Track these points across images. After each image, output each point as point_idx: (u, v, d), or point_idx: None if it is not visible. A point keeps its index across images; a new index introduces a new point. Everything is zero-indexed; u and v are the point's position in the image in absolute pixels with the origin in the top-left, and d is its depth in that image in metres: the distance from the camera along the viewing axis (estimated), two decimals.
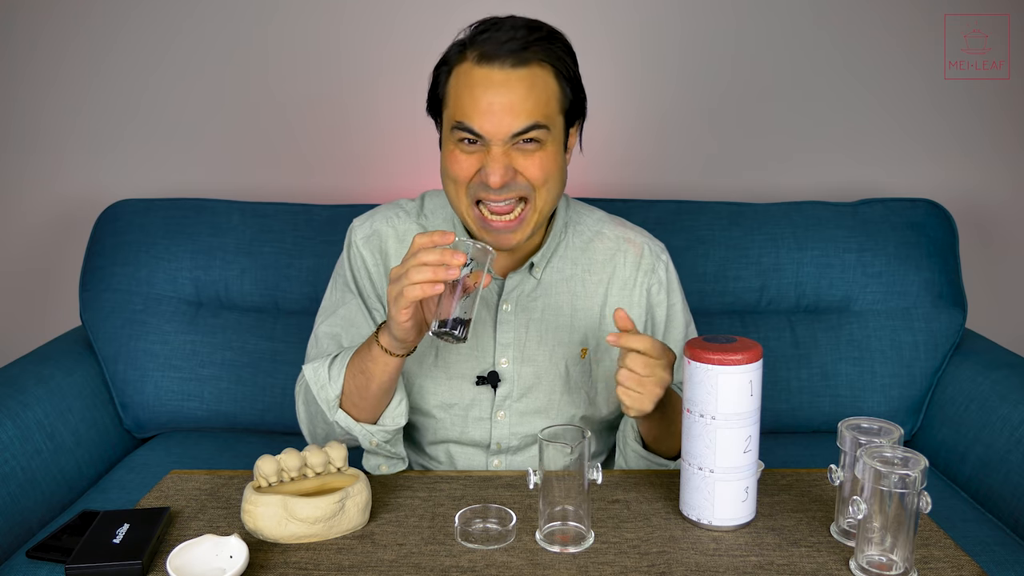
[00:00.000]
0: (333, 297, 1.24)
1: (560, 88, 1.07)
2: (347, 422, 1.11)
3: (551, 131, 1.07)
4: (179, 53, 1.95)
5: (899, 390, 1.68)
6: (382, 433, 1.12)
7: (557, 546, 0.94)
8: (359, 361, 1.08)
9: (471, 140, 1.06)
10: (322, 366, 1.12)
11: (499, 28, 1.05)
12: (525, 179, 1.07)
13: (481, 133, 1.04)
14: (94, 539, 0.94)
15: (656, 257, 1.24)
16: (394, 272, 0.99)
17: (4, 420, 1.40)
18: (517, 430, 1.21)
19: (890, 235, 1.73)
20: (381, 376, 1.06)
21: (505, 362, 1.19)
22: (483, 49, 1.03)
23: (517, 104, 1.03)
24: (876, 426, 0.95)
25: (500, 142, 1.04)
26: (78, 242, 1.93)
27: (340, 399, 1.11)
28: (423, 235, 0.97)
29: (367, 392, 1.08)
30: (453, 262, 0.94)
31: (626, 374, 1.01)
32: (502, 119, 1.03)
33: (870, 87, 1.96)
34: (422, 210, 1.24)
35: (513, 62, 1.03)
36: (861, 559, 0.89)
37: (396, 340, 1.02)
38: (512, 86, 1.03)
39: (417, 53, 1.94)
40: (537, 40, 1.04)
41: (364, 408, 1.10)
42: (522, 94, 1.03)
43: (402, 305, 0.97)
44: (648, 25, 1.94)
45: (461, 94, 1.05)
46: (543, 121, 1.05)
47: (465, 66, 1.05)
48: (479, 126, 1.04)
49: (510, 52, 1.02)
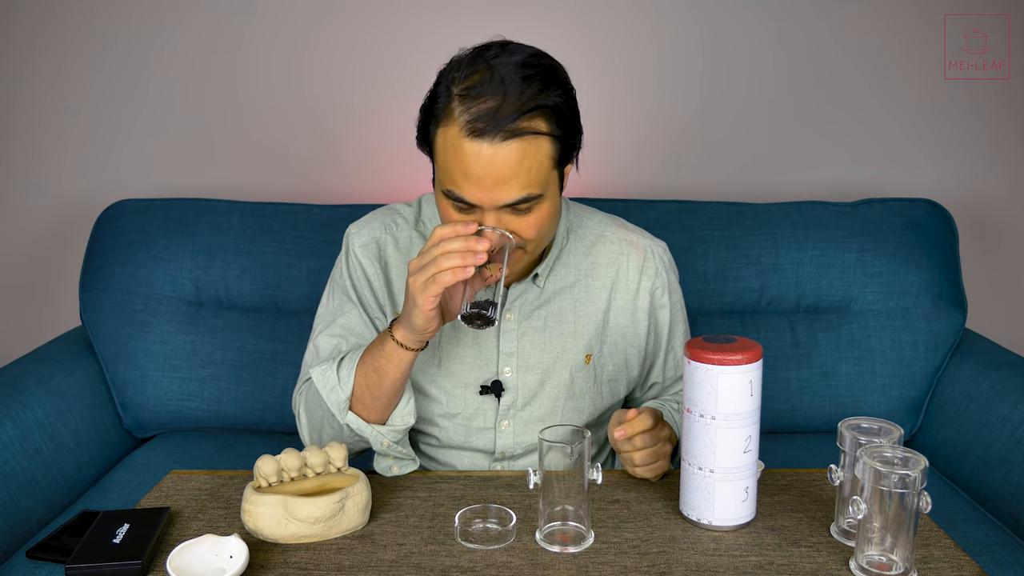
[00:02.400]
0: (331, 305, 1.22)
1: (553, 147, 1.02)
2: (358, 424, 1.10)
3: (544, 193, 1.03)
4: (179, 53, 1.95)
5: (899, 390, 1.68)
6: (392, 433, 1.12)
7: (557, 546, 0.94)
8: (371, 360, 1.08)
9: (463, 205, 1.03)
10: (330, 368, 1.11)
11: (489, 81, 0.98)
12: (519, 237, 1.05)
13: (473, 203, 1.02)
14: (94, 539, 0.94)
15: (659, 259, 1.24)
16: (413, 264, 0.99)
17: (4, 420, 1.40)
18: (521, 439, 1.21)
19: (890, 235, 1.73)
20: (395, 373, 1.06)
21: (509, 371, 1.19)
22: (472, 120, 0.97)
23: (509, 178, 0.99)
24: (876, 426, 0.95)
25: (492, 209, 1.02)
26: (78, 242, 1.93)
27: (350, 401, 1.10)
28: (444, 226, 0.99)
29: (379, 391, 1.08)
30: (479, 248, 0.96)
31: (641, 456, 1.06)
32: (493, 192, 1.00)
33: (870, 87, 1.96)
34: (420, 216, 1.23)
35: (504, 136, 0.97)
36: (861, 559, 0.89)
37: (415, 331, 1.03)
38: (503, 160, 0.98)
39: (417, 53, 1.95)
40: (530, 101, 0.98)
41: (375, 408, 1.10)
42: (513, 168, 0.99)
43: (432, 292, 0.97)
44: (648, 27, 1.93)
45: (450, 161, 1.00)
46: (536, 191, 1.01)
47: (453, 132, 0.99)
48: (471, 196, 1.01)
49: (500, 128, 0.97)
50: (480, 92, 0.98)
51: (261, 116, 1.98)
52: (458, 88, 1.00)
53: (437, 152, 1.04)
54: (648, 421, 1.06)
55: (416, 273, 0.99)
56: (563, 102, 1.02)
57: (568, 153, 1.06)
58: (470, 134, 0.98)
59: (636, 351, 1.24)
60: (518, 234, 1.04)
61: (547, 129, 1.01)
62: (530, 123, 0.99)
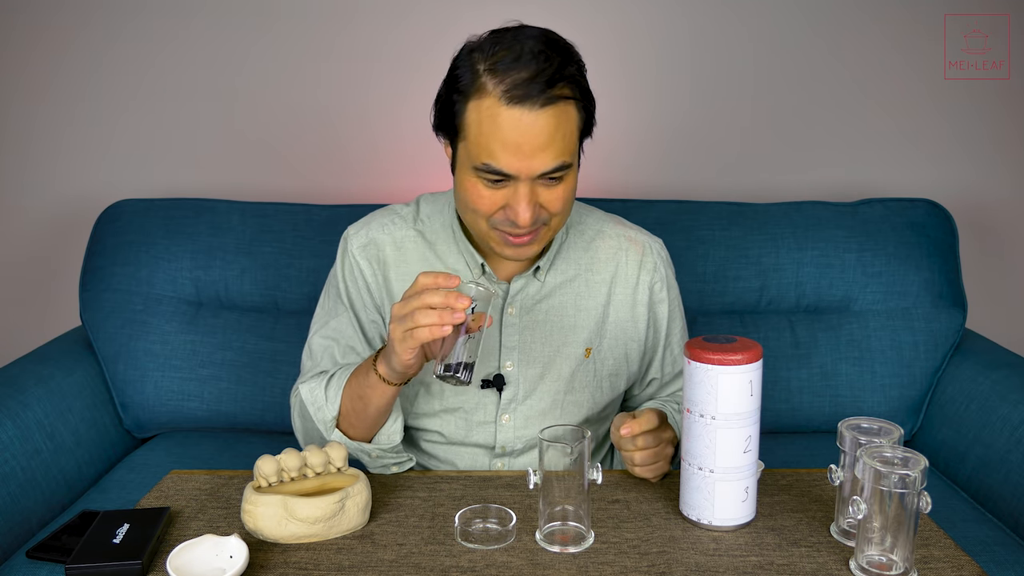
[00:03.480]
0: (326, 306, 1.24)
1: (579, 116, 1.04)
2: (344, 441, 1.12)
3: (573, 163, 1.06)
4: (179, 53, 1.95)
5: (899, 390, 1.68)
6: (378, 450, 1.13)
7: (557, 546, 0.94)
8: (356, 386, 1.08)
9: (497, 180, 1.03)
10: (318, 387, 1.13)
11: (519, 56, 1.00)
12: (547, 210, 1.06)
13: (510, 173, 1.02)
14: (94, 539, 0.94)
15: (657, 255, 1.25)
16: (396, 310, 0.98)
17: (4, 420, 1.40)
18: (522, 433, 1.21)
19: (890, 235, 1.73)
20: (378, 402, 1.07)
21: (510, 365, 1.19)
22: (510, 89, 0.99)
23: (547, 145, 1.00)
24: (876, 426, 0.95)
25: (527, 180, 1.02)
26: (78, 242, 1.93)
27: (337, 419, 1.12)
28: (428, 275, 0.97)
29: (364, 415, 1.09)
30: (458, 306, 0.95)
31: (642, 456, 1.06)
32: (532, 161, 1.00)
33: (870, 87, 1.96)
34: (418, 215, 1.24)
35: (543, 102, 0.99)
36: (861, 559, 0.89)
37: (395, 372, 1.03)
38: (542, 127, 0.99)
39: (417, 53, 1.95)
40: (559, 69, 1.00)
41: (361, 428, 1.11)
42: (551, 134, 1.00)
43: (408, 346, 0.97)
44: (648, 27, 1.94)
45: (487, 134, 1.00)
46: (569, 159, 1.03)
47: (489, 102, 1.00)
48: (508, 166, 1.01)
49: (539, 92, 0.98)
50: (511, 65, 0.99)
51: (261, 116, 1.98)
52: (486, 64, 1.01)
53: (469, 127, 1.03)
54: (653, 421, 1.06)
55: (396, 322, 0.98)
56: (581, 74, 1.05)
57: (589, 124, 1.08)
58: (509, 102, 0.99)
59: (636, 345, 1.25)
60: (547, 207, 1.05)
61: (575, 96, 1.03)
62: (562, 91, 1.01)
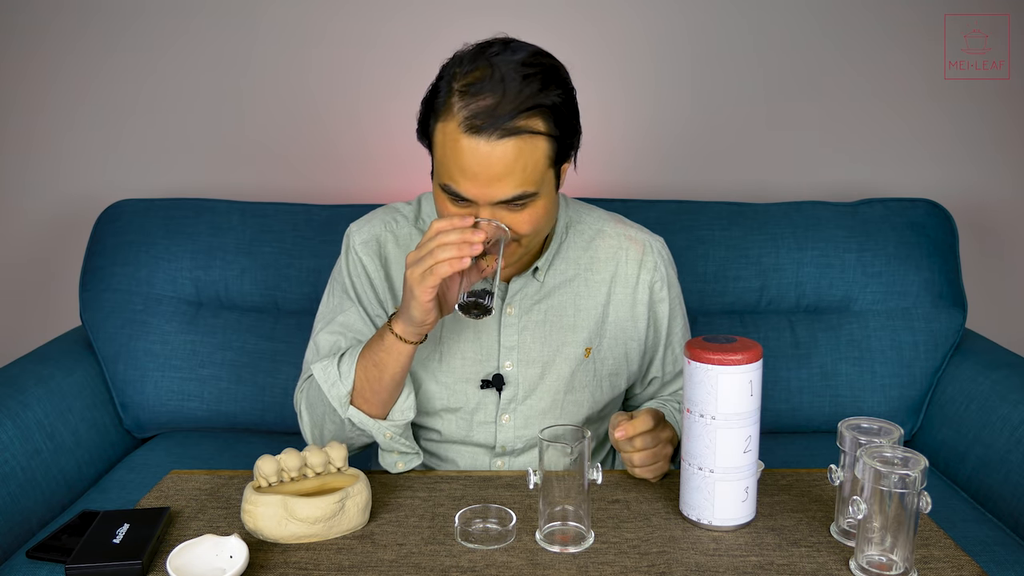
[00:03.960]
0: (331, 303, 1.24)
1: (550, 146, 1.02)
2: (360, 417, 1.11)
3: (540, 191, 1.04)
4: (179, 53, 1.95)
5: (899, 390, 1.68)
6: (393, 427, 1.12)
7: (557, 546, 0.94)
8: (371, 354, 1.09)
9: (460, 199, 1.04)
10: (331, 364, 1.12)
11: (490, 78, 0.98)
12: (514, 232, 1.05)
13: (468, 198, 1.02)
14: (94, 539, 0.94)
15: (658, 254, 1.25)
16: (411, 257, 1.00)
17: (4, 420, 1.40)
18: (522, 433, 1.21)
19: (890, 235, 1.73)
20: (394, 366, 1.07)
21: (509, 365, 1.19)
22: (470, 116, 0.98)
23: (504, 175, 0.99)
24: (876, 426, 0.95)
25: (487, 205, 1.02)
26: (78, 242, 1.93)
27: (351, 395, 1.11)
28: (441, 220, 1.00)
29: (380, 385, 1.09)
30: (475, 239, 0.97)
31: (640, 457, 1.07)
32: (488, 189, 1.00)
33: (870, 87, 1.96)
34: (419, 214, 1.24)
35: (500, 134, 0.98)
36: (861, 559, 0.89)
37: (413, 325, 1.04)
38: (498, 158, 0.98)
39: (417, 53, 1.95)
40: (529, 99, 0.98)
41: (375, 403, 1.11)
42: (508, 165, 0.99)
43: (429, 283, 0.98)
44: (648, 26, 1.93)
45: (447, 156, 1.01)
46: (531, 189, 1.02)
47: (451, 127, 1.00)
48: (466, 192, 1.01)
49: (497, 126, 0.97)
50: (480, 89, 0.98)
51: (261, 117, 1.98)
52: (459, 84, 1.00)
53: (436, 146, 1.05)
54: (648, 423, 1.06)
55: (414, 265, 1.00)
56: (562, 102, 1.02)
57: (565, 152, 1.07)
58: (467, 130, 0.99)
59: (636, 345, 1.25)
60: (513, 229, 1.05)
61: (544, 129, 1.01)
62: (527, 122, 0.99)
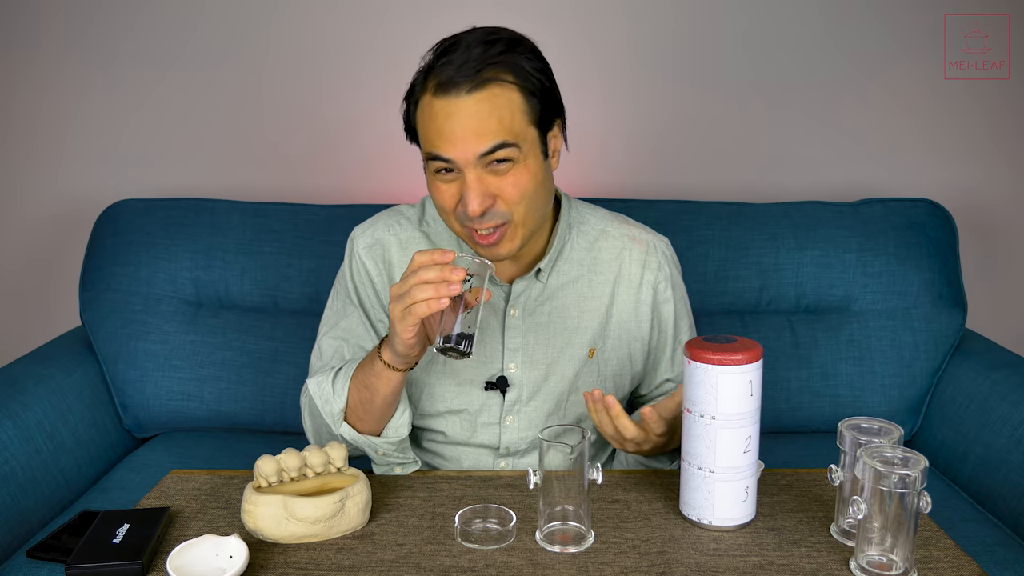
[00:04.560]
0: (335, 307, 1.24)
1: (525, 99, 1.04)
2: (352, 435, 1.12)
3: (521, 147, 1.04)
4: (179, 53, 1.95)
5: (899, 390, 1.68)
6: (387, 445, 1.13)
7: (557, 546, 0.94)
8: (362, 376, 1.09)
9: (447, 169, 1.05)
10: (326, 380, 1.13)
11: (455, 50, 1.03)
12: (503, 202, 1.06)
13: (450, 158, 1.03)
14: (94, 539, 0.94)
15: (661, 254, 1.25)
16: (394, 290, 0.99)
17: (4, 420, 1.40)
18: (526, 434, 1.21)
19: (890, 235, 1.73)
20: (385, 391, 1.07)
21: (514, 367, 1.19)
22: (439, 79, 1.02)
23: (479, 126, 1.01)
24: (876, 426, 0.95)
25: (471, 166, 1.03)
26: (78, 242, 1.93)
27: (344, 412, 1.12)
28: (422, 253, 0.98)
29: (371, 406, 1.09)
30: (453, 278, 0.95)
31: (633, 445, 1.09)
32: (467, 144, 1.02)
33: (870, 87, 1.96)
34: (423, 216, 1.24)
35: (469, 87, 1.01)
36: (861, 559, 0.89)
37: (398, 356, 1.03)
38: (471, 110, 1.01)
39: (417, 54, 1.94)
40: (494, 57, 1.02)
41: (368, 421, 1.11)
42: (483, 116, 1.01)
43: (408, 323, 0.98)
44: (647, 25, 1.93)
45: (427, 126, 1.04)
46: (510, 139, 1.03)
47: (426, 99, 1.04)
48: (447, 152, 1.03)
49: (465, 78, 1.01)
50: (447, 61, 1.02)
51: (261, 116, 1.98)
52: (426, 64, 1.05)
53: (419, 127, 1.07)
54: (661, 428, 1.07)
55: (395, 301, 0.99)
56: (532, 66, 1.05)
57: (547, 118, 1.08)
58: (437, 92, 1.02)
59: (640, 345, 1.25)
60: (501, 197, 1.05)
61: (514, 79, 1.03)
62: (495, 73, 1.02)
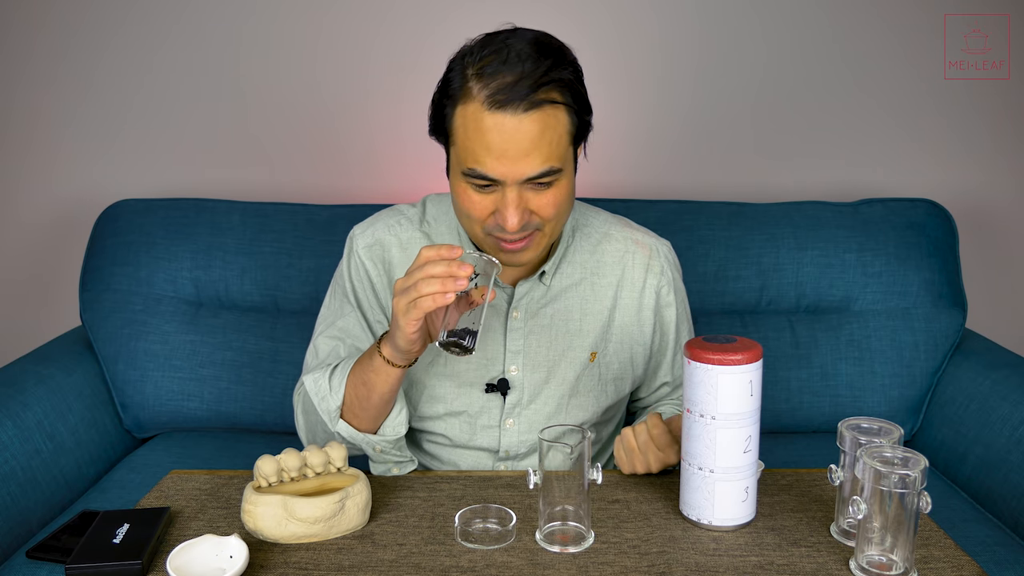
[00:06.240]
0: (332, 306, 1.23)
1: (570, 119, 1.03)
2: (348, 432, 1.11)
3: (564, 169, 1.04)
4: (179, 53, 1.95)
5: (899, 390, 1.68)
6: (383, 443, 1.12)
7: (557, 546, 0.94)
8: (360, 372, 1.08)
9: (485, 184, 1.02)
10: (322, 377, 1.12)
11: (505, 60, 0.99)
12: (539, 216, 1.05)
13: (496, 178, 1.01)
14: (94, 539, 0.94)
15: (664, 258, 1.25)
16: (399, 284, 0.99)
17: (4, 420, 1.40)
18: (526, 437, 1.21)
19: (890, 235, 1.73)
20: (382, 387, 1.07)
21: (515, 370, 1.19)
22: (493, 94, 0.98)
23: (531, 149, 0.99)
24: (876, 426, 0.95)
25: (514, 184, 1.01)
26: (78, 242, 1.93)
27: (341, 410, 1.11)
28: (430, 248, 0.97)
29: (368, 403, 1.09)
30: (460, 273, 0.95)
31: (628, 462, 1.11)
32: (515, 165, 0.99)
33: (870, 87, 1.96)
34: (424, 217, 1.23)
35: (526, 106, 0.98)
36: (861, 559, 0.89)
37: (399, 351, 1.03)
38: (525, 132, 0.98)
39: (419, 53, 1.95)
40: (547, 73, 0.99)
41: (365, 418, 1.11)
42: (535, 139, 0.99)
43: (413, 316, 0.97)
44: (648, 26, 1.94)
45: (471, 139, 1.00)
46: (557, 164, 1.02)
47: (473, 108, 0.99)
48: (493, 171, 1.00)
49: (521, 97, 0.97)
50: (497, 69, 0.99)
51: (262, 116, 1.98)
52: (473, 69, 1.00)
53: (456, 132, 1.03)
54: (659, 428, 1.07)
55: (400, 295, 0.98)
56: (575, 78, 1.03)
57: (582, 129, 1.07)
58: (491, 107, 0.98)
59: (642, 349, 1.24)
60: (538, 213, 1.04)
61: (564, 100, 1.01)
62: (548, 94, 0.99)
